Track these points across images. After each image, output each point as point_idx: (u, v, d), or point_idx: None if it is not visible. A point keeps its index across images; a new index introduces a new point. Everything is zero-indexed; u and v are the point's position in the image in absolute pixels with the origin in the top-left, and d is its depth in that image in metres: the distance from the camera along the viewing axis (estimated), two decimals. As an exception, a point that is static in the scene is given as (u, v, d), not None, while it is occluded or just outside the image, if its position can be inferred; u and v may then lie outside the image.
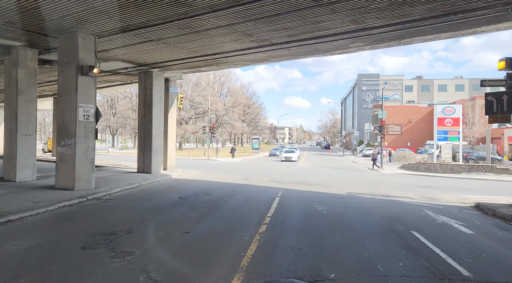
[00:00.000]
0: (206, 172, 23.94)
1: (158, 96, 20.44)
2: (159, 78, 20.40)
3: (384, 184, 18.31)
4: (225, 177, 20.36)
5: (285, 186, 16.59)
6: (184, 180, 18.48)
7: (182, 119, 71.98)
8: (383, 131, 31.41)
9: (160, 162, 20.59)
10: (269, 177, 21.24)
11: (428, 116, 61.44)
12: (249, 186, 16.24)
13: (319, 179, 20.32)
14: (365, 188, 16.34)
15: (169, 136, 22.72)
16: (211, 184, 16.93)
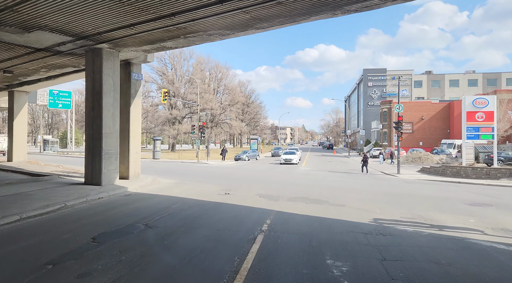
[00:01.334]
0: (181, 180, 18.87)
1: (111, 83, 15.37)
2: (111, 58, 15.34)
3: (419, 200, 13.18)
4: (202, 189, 15.27)
5: (278, 205, 11.48)
6: (141, 195, 13.42)
7: (175, 118, 67.01)
8: (400, 129, 26.23)
9: (114, 169, 15.52)
10: (260, 188, 16.13)
11: (442, 113, 56.19)
12: (226, 207, 11.14)
13: (326, 192, 15.21)
14: (395, 208, 11.21)
15: (132, 136, 17.65)
16: (174, 202, 11.85)
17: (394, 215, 9.99)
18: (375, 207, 11.24)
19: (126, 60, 17.33)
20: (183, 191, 14.74)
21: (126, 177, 17.52)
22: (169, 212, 10.06)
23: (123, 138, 17.79)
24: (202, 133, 38.28)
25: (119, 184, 15.56)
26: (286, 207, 11.03)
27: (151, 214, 9.78)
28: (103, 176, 15.00)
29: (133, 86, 17.64)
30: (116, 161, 15.60)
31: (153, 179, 19.04)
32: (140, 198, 12.68)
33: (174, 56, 70.31)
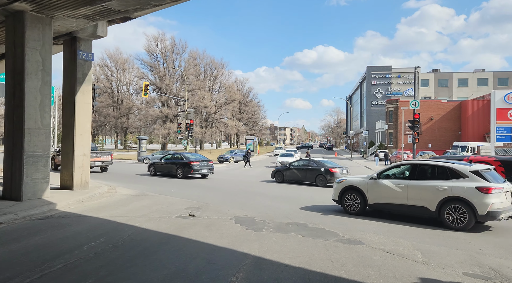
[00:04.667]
0: (146, 190, 14.79)
1: (39, 60, 11.25)
2: (39, 26, 11.22)
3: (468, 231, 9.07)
4: (161, 207, 11.16)
5: (259, 241, 7.37)
6: (65, 219, 9.31)
7: (166, 117, 62.89)
8: (417, 128, 22.16)
9: (42, 178, 11.38)
10: (241, 204, 12.04)
11: (453, 113, 52.13)
12: (174, 247, 7.01)
13: (333, 214, 11.08)
14: (445, 250, 7.10)
15: (78, 133, 13.53)
16: (101, 233, 7.74)
17: (453, 269, 5.87)
18: (412, 247, 7.10)
19: (70, 34, 13.22)
20: (132, 209, 10.62)
21: (69, 187, 13.41)
22: (70, 260, 5.93)
23: (66, 137, 13.70)
24: (189, 133, 34.17)
25: (49, 197, 11.45)
26: (271, 247, 6.91)
27: (35, 265, 5.66)
28: (24, 187, 10.88)
29: (80, 68, 13.52)
30: (45, 166, 11.46)
31: (110, 188, 14.96)
32: (58, 224, 8.56)
33: (166, 50, 66.26)
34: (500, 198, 8.65)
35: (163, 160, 22.97)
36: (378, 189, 10.16)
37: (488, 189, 8.53)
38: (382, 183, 10.11)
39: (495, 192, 8.56)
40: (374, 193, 10.21)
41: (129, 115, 73.13)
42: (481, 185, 8.64)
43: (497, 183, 8.90)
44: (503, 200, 8.75)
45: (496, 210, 8.46)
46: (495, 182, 8.86)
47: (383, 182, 10.12)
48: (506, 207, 8.76)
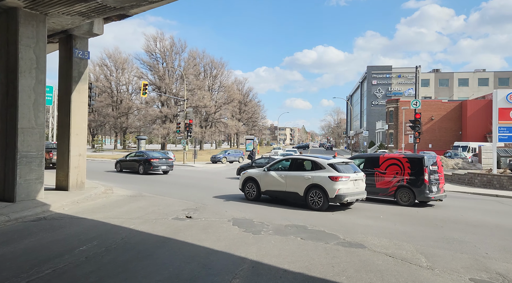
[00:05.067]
0: (143, 191, 14.56)
1: (33, 58, 11.01)
2: (33, 24, 10.98)
3: (476, 232, 8.86)
4: (157, 208, 10.92)
5: (257, 244, 7.13)
6: (59, 220, 9.07)
7: (165, 116, 62.64)
8: (418, 128, 21.91)
9: (36, 179, 11.14)
10: (240, 205, 11.78)
11: (453, 113, 51.90)
12: (169, 250, 6.77)
13: (332, 215, 10.86)
14: (450, 254, 6.88)
15: (74, 133, 13.29)
16: (94, 236, 7.51)
17: (458, 274, 5.62)
18: (416, 251, 6.86)
19: (65, 32, 12.98)
20: (128, 211, 10.37)
21: (65, 187, 13.16)
22: (59, 265, 5.67)
23: (61, 137, 13.48)
24: (188, 132, 33.92)
25: (44, 198, 11.20)
26: (269, 250, 6.66)
27: (22, 270, 5.41)
28: (17, 188, 10.63)
29: (75, 67, 13.27)
30: (39, 167, 11.22)
31: (106, 189, 14.73)
32: (50, 227, 8.32)
33: (165, 50, 66.03)
34: (346, 184, 10.95)
35: (127, 158, 24.72)
36: (267, 178, 12.44)
37: (336, 177, 10.85)
38: (270, 174, 12.41)
39: (341, 180, 10.85)
40: (265, 182, 12.49)
41: (129, 115, 72.92)
42: (332, 174, 10.94)
43: (346, 173, 11.14)
44: (349, 186, 11.06)
45: (342, 194, 10.81)
46: (345, 172, 11.11)
47: (270, 173, 12.42)
48: (352, 192, 11.15)
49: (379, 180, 13.55)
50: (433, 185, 12.68)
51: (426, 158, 12.89)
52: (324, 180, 10.92)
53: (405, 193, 12.95)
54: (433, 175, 12.84)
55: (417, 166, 12.81)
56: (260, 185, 12.60)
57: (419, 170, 12.72)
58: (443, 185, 13.50)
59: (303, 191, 11.34)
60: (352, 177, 11.19)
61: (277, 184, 12.10)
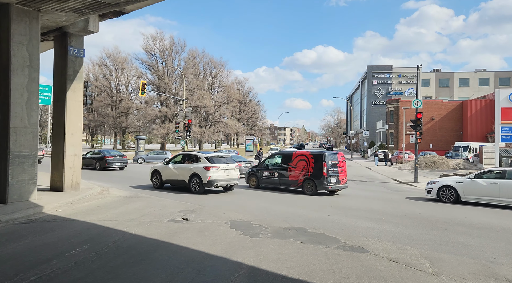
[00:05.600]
0: (139, 192, 14.27)
1: (26, 56, 10.74)
2: (26, 20, 10.71)
3: (481, 235, 8.61)
4: (153, 210, 10.65)
5: (255, 248, 6.85)
6: (51, 223, 8.80)
7: (165, 116, 62.36)
8: (419, 128, 21.65)
9: (29, 180, 10.87)
10: (238, 206, 11.52)
11: (454, 113, 51.60)
12: (163, 255, 6.49)
13: (332, 216, 10.63)
14: (456, 259, 6.62)
15: (69, 133, 13.02)
16: (86, 239, 7.24)
17: (466, 281, 5.34)
18: (420, 255, 6.58)
19: (60, 29, 12.71)
20: (123, 212, 10.09)
21: (60, 188, 12.89)
22: (46, 271, 5.39)
23: (56, 136, 13.21)
24: (187, 132, 33.62)
25: (37, 199, 10.93)
26: (268, 255, 6.39)
27: (6, 277, 5.14)
28: (9, 189, 10.36)
29: (70, 65, 13.00)
30: (32, 167, 10.94)
31: (102, 190, 14.46)
32: (41, 229, 8.04)
33: (165, 50, 65.76)
34: (217, 173, 14.03)
35: (87, 156, 27.50)
36: (166, 170, 15.51)
37: (208, 167, 13.98)
38: (169, 166, 15.50)
39: (212, 169, 13.96)
40: (165, 173, 15.56)
41: (128, 115, 72.63)
42: (206, 165, 14.04)
43: (217, 164, 14.20)
44: (220, 174, 14.13)
45: (213, 180, 13.92)
46: (216, 163, 14.20)
47: (169, 166, 15.51)
48: (222, 178, 14.25)
49: (291, 174, 15.46)
50: (331, 177, 14.65)
51: (326, 154, 14.88)
52: (200, 170, 14.03)
53: (309, 184, 14.89)
54: (332, 169, 14.78)
55: (319, 161, 14.76)
56: (162, 176, 15.66)
57: (320, 165, 14.64)
58: (343, 177, 15.36)
59: (187, 179, 14.46)
60: (223, 167, 14.27)
61: (173, 174, 15.21)
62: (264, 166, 16.74)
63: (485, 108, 48.75)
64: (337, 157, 15.33)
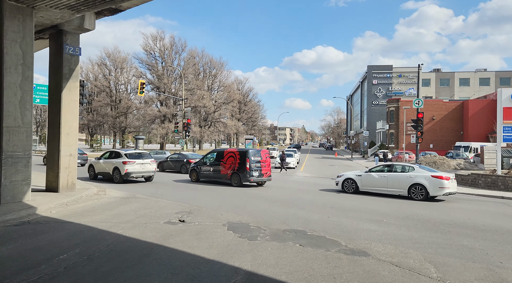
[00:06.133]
0: (136, 193, 14.03)
1: (19, 54, 10.51)
2: (20, 17, 10.47)
3: (485, 238, 8.40)
4: (149, 211, 10.41)
5: (253, 252, 6.62)
6: (44, 225, 8.57)
7: (164, 116, 62.11)
8: (420, 128, 21.40)
9: (23, 180, 10.63)
10: (236, 207, 11.28)
11: (455, 113, 51.38)
12: (156, 258, 6.26)
13: (332, 218, 10.40)
14: (461, 264, 6.40)
15: (64, 133, 12.77)
16: (77, 242, 7.00)
17: (472, 288, 5.12)
18: (424, 260, 6.34)
19: (55, 27, 12.47)
20: (118, 214, 9.85)
21: (55, 189, 12.65)
22: (33, 277, 5.15)
23: (52, 136, 12.96)
24: (186, 132, 33.40)
25: (31, 200, 10.69)
26: (266, 259, 6.15)
27: (-9, 283, 4.91)
28: (2, 190, 10.14)
29: (66, 63, 12.76)
30: (26, 168, 10.71)
31: (98, 190, 14.22)
32: (33, 232, 7.81)
33: (165, 49, 65.48)
34: (133, 166, 17.20)
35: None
36: (98, 165, 18.78)
37: (125, 162, 17.11)
38: (100, 161, 18.64)
39: (129, 163, 17.14)
40: (97, 167, 18.78)
41: (127, 114, 72.35)
42: (124, 160, 17.27)
43: (134, 159, 17.45)
44: (136, 167, 17.32)
45: (129, 172, 17.07)
46: (132, 159, 17.42)
47: (100, 161, 18.67)
48: (138, 171, 17.41)
49: (222, 169, 17.81)
50: (254, 171, 16.99)
51: (250, 151, 17.25)
52: (120, 164, 17.14)
53: (235, 177, 17.25)
54: (255, 164, 17.11)
55: (243, 157, 17.03)
56: (95, 169, 18.84)
57: (244, 161, 16.94)
58: (267, 171, 17.72)
59: (111, 171, 17.64)
60: (138, 161, 17.43)
61: (102, 167, 18.37)
62: (202, 162, 19.02)
63: (486, 108, 48.53)
64: (261, 154, 17.71)
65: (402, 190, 14.51)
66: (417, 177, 14.27)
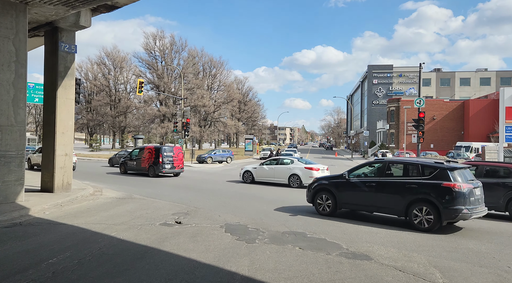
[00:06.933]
0: (133, 193, 13.82)
1: (12, 51, 10.26)
2: (13, 13, 10.23)
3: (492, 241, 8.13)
4: (146, 212, 10.17)
5: (250, 255, 6.38)
6: (36, 226, 8.32)
7: (164, 116, 61.88)
8: (422, 127, 21.17)
9: (16, 180, 10.39)
10: (234, 208, 11.04)
11: (455, 113, 51.16)
12: (149, 263, 6.01)
13: (334, 220, 10.15)
14: (467, 268, 6.17)
15: (60, 131, 12.52)
16: (69, 245, 6.76)
17: (481, 294, 4.86)
18: (429, 264, 6.09)
19: (50, 24, 12.22)
20: (113, 215, 9.60)
21: (50, 189, 12.40)
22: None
23: (47, 135, 12.72)
24: (186, 132, 33.14)
25: (24, 201, 10.45)
26: (264, 263, 5.90)
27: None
28: (-6, 191, 9.88)
29: (61, 61, 12.50)
30: (19, 167, 10.46)
31: (95, 191, 13.98)
32: (23, 234, 7.56)
33: (165, 48, 65.26)
34: None
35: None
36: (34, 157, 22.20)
37: None
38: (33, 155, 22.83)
39: None
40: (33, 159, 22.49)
41: (127, 114, 72.11)
42: None
43: None
44: None
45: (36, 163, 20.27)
46: None
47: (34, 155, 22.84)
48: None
49: (142, 162, 21.30)
50: (166, 164, 20.62)
51: (163, 148, 21.07)
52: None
53: (151, 169, 20.85)
54: (167, 158, 20.73)
55: (157, 152, 20.73)
56: (31, 161, 22.87)
57: (158, 155, 20.64)
58: (179, 164, 21.43)
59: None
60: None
61: (38, 159, 20.09)
62: (129, 157, 22.49)
63: (486, 108, 48.32)
64: (173, 150, 21.48)
65: (284, 180, 17.49)
66: (294, 169, 17.32)
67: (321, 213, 10.20)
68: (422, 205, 8.41)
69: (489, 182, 10.60)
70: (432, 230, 8.30)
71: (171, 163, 20.85)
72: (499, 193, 10.51)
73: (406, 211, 8.64)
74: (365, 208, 9.53)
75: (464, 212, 8.00)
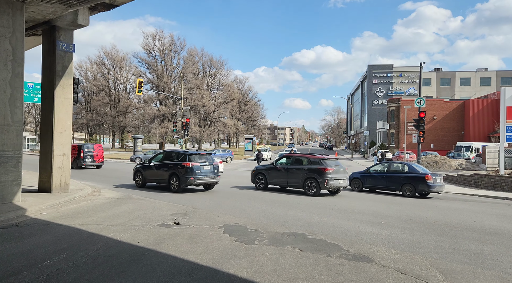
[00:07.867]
0: (132, 193, 13.69)
1: (8, 49, 10.14)
2: (9, 12, 10.11)
3: (496, 242, 8.05)
4: (144, 212, 10.06)
5: (249, 257, 6.27)
6: (32, 228, 8.20)
7: (163, 115, 61.75)
8: (422, 127, 21.04)
9: (12, 181, 10.27)
10: (233, 209, 10.93)
11: (456, 113, 51.01)
12: (145, 265, 5.89)
13: (332, 220, 10.08)
14: (467, 269, 6.04)
15: (57, 131, 12.41)
16: (64, 247, 6.64)
17: (484, 298, 4.75)
18: (431, 266, 5.98)
19: (48, 23, 12.09)
20: (111, 216, 9.49)
21: (48, 189, 12.29)
22: (12, 285, 4.81)
23: (44, 135, 12.61)
24: (185, 131, 33.04)
25: (21, 201, 10.34)
26: (263, 265, 5.79)
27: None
28: (-10, 191, 9.77)
29: (59, 60, 12.39)
30: (16, 168, 10.34)
31: (93, 191, 13.88)
32: (19, 235, 7.44)
33: (164, 48, 65.12)
34: None
35: None
36: None
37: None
38: None
39: None
40: None
41: (127, 114, 72.01)
42: None
43: None
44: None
45: None
46: None
47: None
48: None
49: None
50: (87, 158, 25.67)
51: (84, 145, 26.49)
52: None
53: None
54: (88, 154, 25.84)
55: (80, 149, 25.68)
56: None
57: (79, 151, 25.62)
58: (99, 158, 26.45)
59: None
60: None
61: None
62: None
63: (487, 108, 48.21)
64: (94, 147, 26.47)
65: None
66: None
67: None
68: None
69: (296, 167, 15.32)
70: None
71: (91, 157, 25.77)
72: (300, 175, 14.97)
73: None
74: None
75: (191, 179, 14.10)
